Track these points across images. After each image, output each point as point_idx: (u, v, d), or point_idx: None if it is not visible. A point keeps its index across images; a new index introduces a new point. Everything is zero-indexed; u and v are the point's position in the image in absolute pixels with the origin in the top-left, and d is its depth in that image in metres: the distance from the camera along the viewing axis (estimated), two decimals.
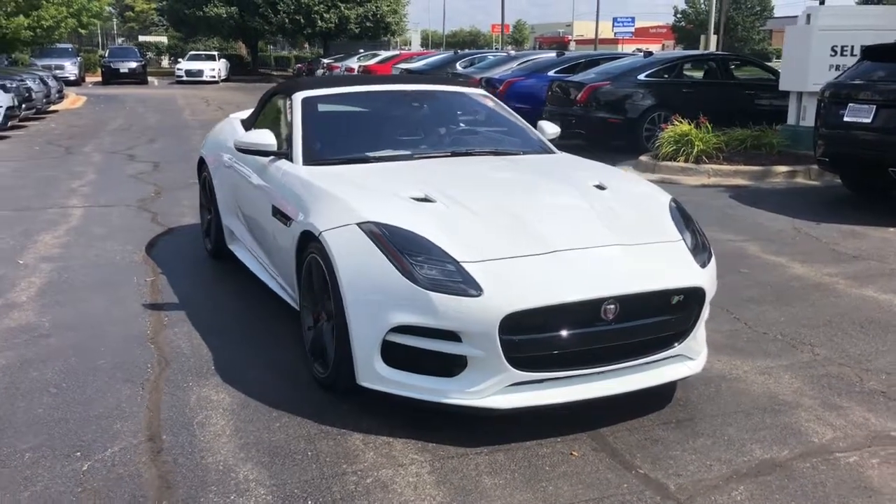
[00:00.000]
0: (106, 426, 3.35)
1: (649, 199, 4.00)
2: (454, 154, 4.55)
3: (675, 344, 3.44)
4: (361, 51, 32.76)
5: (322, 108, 4.82)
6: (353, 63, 27.49)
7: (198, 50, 45.55)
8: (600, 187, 4.05)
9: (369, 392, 3.36)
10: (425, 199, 3.67)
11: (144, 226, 7.12)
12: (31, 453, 3.12)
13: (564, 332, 3.19)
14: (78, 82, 35.20)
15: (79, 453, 3.13)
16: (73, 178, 9.84)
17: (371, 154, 4.44)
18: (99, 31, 69.14)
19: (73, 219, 7.42)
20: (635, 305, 3.28)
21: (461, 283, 3.14)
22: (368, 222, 3.40)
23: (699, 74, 13.24)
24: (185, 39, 52.41)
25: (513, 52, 19.60)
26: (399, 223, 3.39)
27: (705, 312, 3.59)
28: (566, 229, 3.50)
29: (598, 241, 3.45)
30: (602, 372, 3.30)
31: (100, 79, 38.14)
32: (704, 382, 3.84)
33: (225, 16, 40.68)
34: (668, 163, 9.96)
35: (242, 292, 5.12)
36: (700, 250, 3.67)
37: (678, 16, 74.42)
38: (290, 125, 4.61)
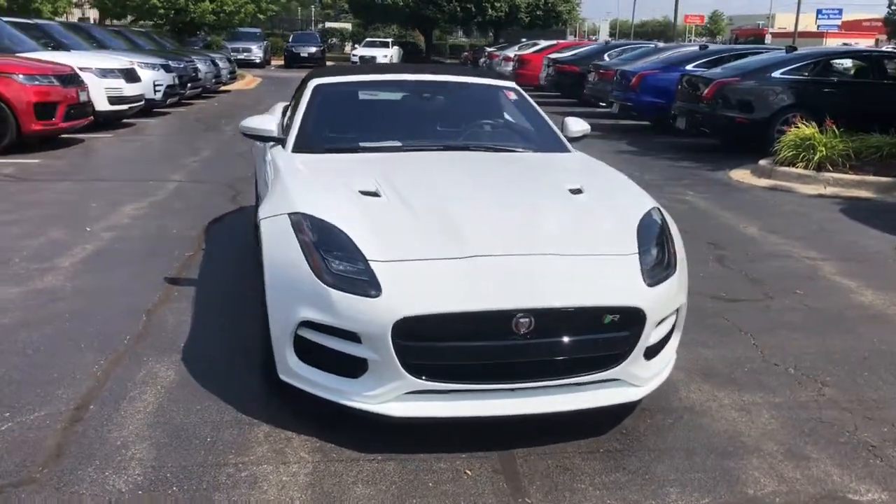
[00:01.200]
0: (48, 391, 3.52)
1: (623, 209, 3.66)
2: (447, 148, 4.39)
3: (609, 367, 3.14)
4: (523, 40, 32.54)
5: (336, 96, 4.82)
6: (512, 52, 27.36)
7: (377, 37, 47.12)
8: (577, 191, 3.77)
9: (289, 387, 3.31)
10: (373, 193, 3.57)
11: (220, 203, 7.46)
12: None
13: (469, 343, 2.99)
14: (262, 65, 37.50)
15: (7, 414, 3.31)
16: (191, 154, 10.49)
17: (362, 144, 4.38)
18: (299, 17, 73.40)
19: (162, 192, 7.90)
20: (556, 321, 3.01)
21: (364, 283, 3.03)
22: (297, 213, 3.36)
23: (851, 73, 12.02)
24: (365, 26, 54.38)
25: (660, 45, 18.72)
26: (327, 216, 3.31)
27: (655, 335, 3.25)
28: (503, 234, 3.29)
29: (532, 249, 3.21)
30: (517, 389, 3.08)
31: (282, 62, 40.41)
32: (665, 412, 3.49)
33: (401, 4, 41.79)
34: (786, 168, 9.14)
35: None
36: (660, 268, 3.32)
37: (892, 7, 67.75)
38: (295, 111, 4.64)
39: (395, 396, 3.04)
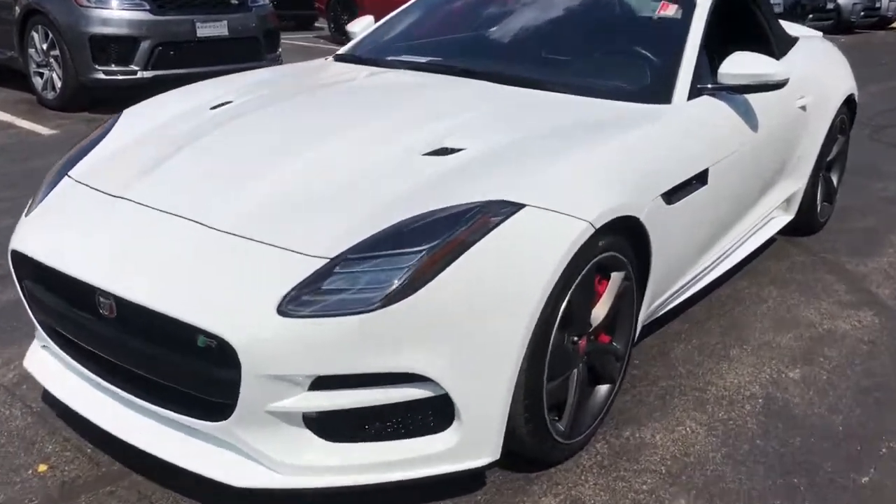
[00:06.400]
0: None
1: (453, 193, 2.07)
2: (483, 76, 3.00)
3: (208, 418, 1.96)
4: None
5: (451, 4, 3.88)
6: None
7: None
8: (445, 151, 2.31)
9: None
10: (223, 104, 2.90)
11: None
12: None
13: (60, 305, 2.23)
14: None
15: None
16: None
17: (391, 58, 3.44)
18: None
19: None
20: (142, 319, 1.99)
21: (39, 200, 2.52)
22: (126, 110, 3.03)
23: None
24: None
25: None
26: (130, 115, 2.94)
27: (322, 401, 1.90)
28: (202, 187, 2.29)
29: (195, 215, 2.15)
30: (120, 395, 2.16)
31: None
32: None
33: None
34: None
35: None
36: (348, 292, 1.86)
37: None
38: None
39: (39, 345, 2.47)
